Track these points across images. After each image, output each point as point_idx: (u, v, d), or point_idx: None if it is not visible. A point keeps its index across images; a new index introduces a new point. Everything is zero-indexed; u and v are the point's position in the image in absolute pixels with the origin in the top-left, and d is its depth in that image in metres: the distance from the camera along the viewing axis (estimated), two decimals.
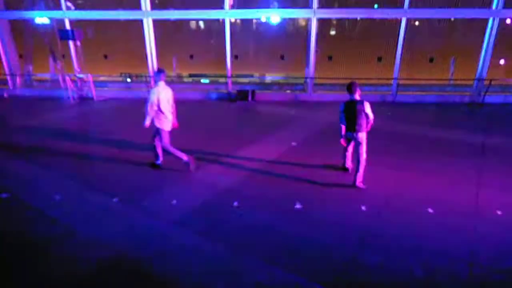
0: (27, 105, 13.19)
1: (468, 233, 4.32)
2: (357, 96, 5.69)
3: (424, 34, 13.25)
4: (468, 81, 13.46)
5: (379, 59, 13.73)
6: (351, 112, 5.66)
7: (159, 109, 5.99)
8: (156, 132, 6.21)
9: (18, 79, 15.35)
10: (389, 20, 13.19)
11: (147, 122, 6.05)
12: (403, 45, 12.73)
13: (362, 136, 5.61)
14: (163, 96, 5.99)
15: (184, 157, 6.27)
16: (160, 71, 6.12)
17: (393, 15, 12.71)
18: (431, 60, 13.55)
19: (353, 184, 5.77)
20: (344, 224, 4.51)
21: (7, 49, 14.77)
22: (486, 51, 12.59)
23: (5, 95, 14.90)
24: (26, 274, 3.57)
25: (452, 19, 13.17)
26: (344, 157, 6.32)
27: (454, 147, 7.71)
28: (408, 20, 12.45)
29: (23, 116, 11.35)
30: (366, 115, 5.57)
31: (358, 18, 13.43)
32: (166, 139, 6.20)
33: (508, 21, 12.82)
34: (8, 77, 15.06)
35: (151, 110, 5.96)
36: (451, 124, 9.97)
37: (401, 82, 13.24)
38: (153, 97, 5.89)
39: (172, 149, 6.26)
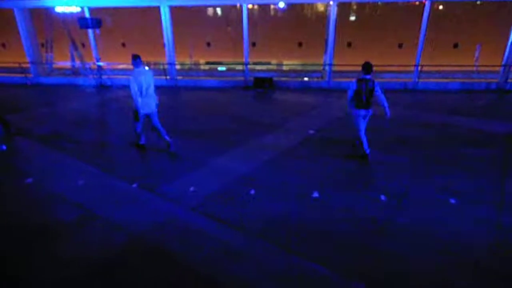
0: (48, 93, 13.51)
1: (491, 224, 4.19)
2: (370, 76, 5.99)
3: (448, 19, 12.75)
4: (495, 67, 12.95)
5: (400, 45, 13.36)
6: (366, 91, 5.94)
7: (140, 92, 6.20)
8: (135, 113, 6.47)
9: (39, 68, 15.68)
10: (412, 4, 12.75)
11: (140, 109, 6.25)
12: (426, 30, 12.31)
13: (371, 111, 6.15)
14: (142, 80, 6.15)
15: (142, 140, 6.87)
16: (136, 57, 6.24)
17: None
18: (455, 45, 13.09)
19: (365, 154, 6.21)
20: (362, 213, 4.43)
21: (28, 38, 15.06)
22: None
23: (28, 83, 15.29)
24: (49, 256, 3.68)
25: (479, 2, 12.62)
26: (361, 143, 6.26)
27: (480, 135, 7.46)
28: (432, 4, 12.01)
29: (45, 103, 11.62)
30: (376, 92, 5.93)
31: (379, 2, 13.02)
32: (139, 119, 6.50)
33: None
34: (31, 66, 15.40)
35: (135, 96, 6.13)
36: (475, 111, 9.63)
37: (423, 68, 12.85)
38: (133, 84, 6.07)
39: (138, 129, 6.68)
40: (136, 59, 6.22)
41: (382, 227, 4.14)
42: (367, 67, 5.91)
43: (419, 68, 12.68)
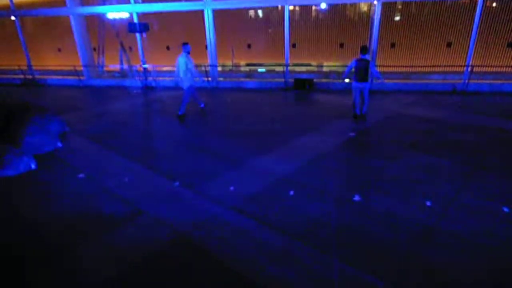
0: (99, 94, 14.35)
1: None
2: (367, 56, 8.04)
3: (502, 16, 11.95)
4: None
5: (449, 44, 12.72)
6: (362, 68, 8.01)
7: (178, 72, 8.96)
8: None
9: (92, 70, 16.69)
10: (462, 2, 12.10)
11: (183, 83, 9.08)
12: (477, 29, 11.64)
13: (368, 84, 8.31)
14: (179, 62, 8.87)
15: (182, 111, 9.33)
16: (184, 44, 8.90)
17: None
18: (510, 44, 12.23)
19: (362, 115, 8.74)
20: (406, 219, 4.29)
21: (82, 43, 16.09)
22: None
23: (81, 85, 16.32)
24: (100, 245, 3.93)
25: None
26: (355, 107, 8.71)
27: None
28: (484, 1, 11.33)
29: (96, 104, 12.36)
30: (371, 69, 8.09)
31: (426, 1, 12.48)
32: (185, 94, 9.17)
33: None
34: (84, 68, 16.43)
35: (177, 71, 9.03)
36: None
37: (474, 69, 12.14)
38: (180, 63, 8.87)
39: (184, 101, 9.27)
40: (184, 46, 8.87)
41: (427, 234, 3.98)
42: (364, 49, 7.97)
43: (470, 68, 12.00)
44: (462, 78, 12.34)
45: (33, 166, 6.19)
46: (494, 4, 12.12)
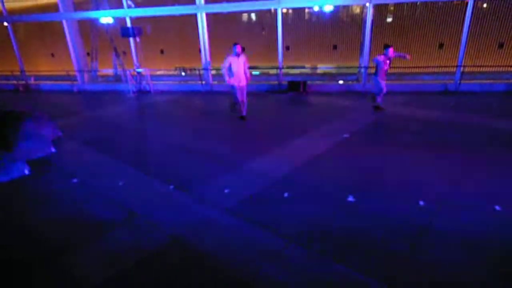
0: (93, 99, 14.31)
1: None
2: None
3: (493, 17, 12.10)
4: None
5: (441, 45, 12.85)
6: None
7: (229, 71, 8.78)
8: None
9: (85, 75, 16.64)
10: (454, 3, 12.24)
11: (227, 79, 8.86)
12: (468, 30, 11.77)
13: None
14: (232, 62, 8.72)
15: (243, 109, 9.42)
16: (234, 44, 8.71)
17: None
18: (500, 45, 12.39)
19: (378, 106, 9.80)
20: (399, 220, 4.31)
21: (76, 48, 16.04)
22: None
23: (75, 90, 16.27)
24: (96, 248, 3.92)
25: None
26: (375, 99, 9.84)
27: None
28: (475, 2, 11.47)
29: (90, 108, 12.32)
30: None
31: (418, 3, 12.62)
32: (236, 92, 9.11)
33: None
34: (77, 73, 16.38)
35: (224, 71, 8.78)
36: None
37: (466, 69, 12.27)
38: (224, 62, 8.76)
39: (238, 101, 9.28)
40: (234, 46, 8.69)
41: (421, 234, 4.01)
42: (385, 46, 9.11)
43: (461, 69, 12.13)
44: (454, 78, 12.47)
45: (26, 172, 6.16)
46: (485, 5, 12.27)
